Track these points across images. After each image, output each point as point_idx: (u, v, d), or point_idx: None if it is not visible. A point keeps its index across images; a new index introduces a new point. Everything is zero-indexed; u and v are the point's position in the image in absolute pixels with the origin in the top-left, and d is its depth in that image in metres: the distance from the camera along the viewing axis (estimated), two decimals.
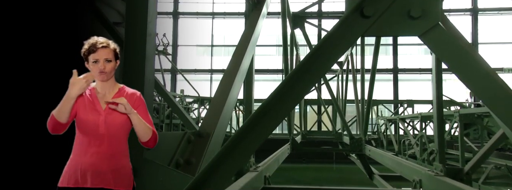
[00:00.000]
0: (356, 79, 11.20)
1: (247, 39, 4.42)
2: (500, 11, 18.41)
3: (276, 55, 19.49)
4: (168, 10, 19.50)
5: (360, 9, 1.73)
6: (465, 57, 1.72)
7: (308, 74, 1.70)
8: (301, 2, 15.94)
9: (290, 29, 9.14)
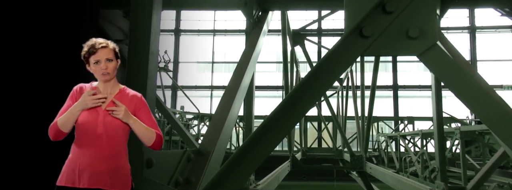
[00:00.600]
0: (356, 96, 11.22)
1: (248, 57, 4.46)
2: (498, 29, 18.61)
3: (277, 72, 19.58)
4: (170, 27, 19.73)
5: (359, 29, 1.75)
6: (462, 77, 1.73)
7: (308, 93, 1.72)
8: (301, 20, 16.13)
9: (290, 47, 9.23)
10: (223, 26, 19.97)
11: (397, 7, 1.76)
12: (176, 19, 20.06)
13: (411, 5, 1.77)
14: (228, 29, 19.85)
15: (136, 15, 2.27)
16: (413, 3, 1.77)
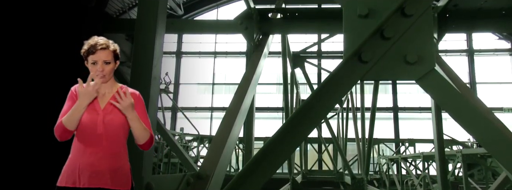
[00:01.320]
0: (356, 117, 11.21)
1: (249, 79, 4.49)
2: (496, 52, 18.79)
3: (277, 93, 19.63)
4: (171, 49, 19.95)
5: (358, 54, 1.79)
6: (461, 102, 1.75)
7: (310, 117, 1.73)
8: (300, 42, 16.32)
9: (291, 69, 9.30)
10: (224, 48, 20.20)
11: (395, 33, 1.79)
12: (178, 42, 20.32)
13: (409, 31, 1.81)
14: (229, 51, 20.06)
15: (140, 40, 2.32)
16: (410, 29, 1.81)
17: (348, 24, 1.88)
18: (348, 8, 1.86)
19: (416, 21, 1.82)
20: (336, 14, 4.62)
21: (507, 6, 4.00)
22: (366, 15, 1.84)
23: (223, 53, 20.22)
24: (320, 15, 4.89)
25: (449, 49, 18.63)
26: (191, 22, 5.96)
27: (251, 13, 4.75)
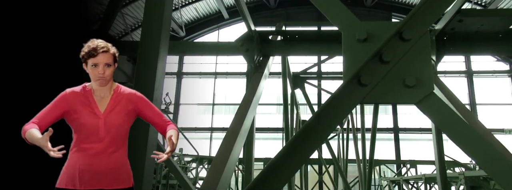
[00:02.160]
0: (356, 138, 11.15)
1: (249, 101, 4.51)
2: (494, 74, 18.90)
3: (277, 114, 19.62)
4: (172, 70, 20.10)
5: (357, 77, 1.81)
6: (460, 125, 1.77)
7: (309, 140, 1.74)
8: (300, 63, 16.46)
9: (291, 89, 9.34)
10: (224, 69, 20.35)
11: (394, 57, 1.83)
12: (179, 62, 20.50)
13: (407, 55, 1.85)
14: (229, 72, 20.20)
15: (142, 62, 2.35)
16: (408, 53, 1.85)
17: (347, 48, 1.92)
18: (347, 33, 1.90)
19: (414, 45, 1.85)
20: (335, 37, 4.69)
21: (504, 30, 4.07)
22: (365, 39, 1.88)
23: (224, 73, 20.35)
24: (319, 37, 4.96)
25: (448, 70, 18.75)
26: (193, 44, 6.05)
27: (252, 36, 4.82)
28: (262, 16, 19.11)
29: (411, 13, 1.87)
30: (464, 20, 3.88)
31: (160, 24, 2.46)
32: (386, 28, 1.91)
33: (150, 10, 2.56)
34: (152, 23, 2.44)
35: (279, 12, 19.34)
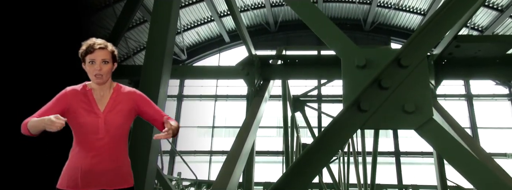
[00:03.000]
0: (357, 162, 11.05)
1: (249, 124, 4.51)
2: (494, 98, 18.93)
3: (277, 137, 19.51)
4: (173, 93, 20.17)
5: (357, 103, 1.84)
6: (460, 150, 1.77)
7: (310, 166, 1.74)
8: (301, 86, 16.54)
9: (291, 112, 9.35)
10: (225, 92, 20.43)
11: (392, 83, 1.86)
12: (180, 85, 20.60)
13: (406, 81, 1.88)
14: (230, 95, 20.26)
15: (145, 87, 2.38)
16: (407, 80, 1.88)
17: (347, 74, 1.95)
18: (346, 59, 1.94)
19: (412, 71, 1.89)
20: (335, 61, 4.75)
21: (501, 55, 4.13)
22: (363, 66, 1.91)
23: (224, 96, 20.41)
24: (319, 62, 5.02)
25: (447, 93, 18.81)
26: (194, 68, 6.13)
27: (252, 60, 4.89)
28: (262, 39, 19.38)
29: (408, 41, 1.91)
30: (461, 45, 3.94)
31: (164, 49, 2.51)
32: (385, 55, 1.95)
33: (154, 35, 2.62)
34: (156, 48, 2.49)
35: (280, 36, 19.63)
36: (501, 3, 15.22)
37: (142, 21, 16.13)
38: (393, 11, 17.90)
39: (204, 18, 18.34)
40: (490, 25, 16.22)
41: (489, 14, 15.95)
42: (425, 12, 17.11)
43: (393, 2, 17.22)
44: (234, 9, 4.45)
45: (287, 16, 18.95)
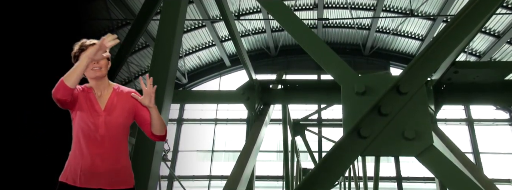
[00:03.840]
0: (359, 187, 10.88)
1: (250, 149, 4.49)
2: (495, 122, 18.87)
3: (277, 161, 19.31)
4: (173, 117, 20.14)
5: (357, 129, 1.84)
6: (461, 177, 1.76)
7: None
8: (301, 110, 16.54)
9: (291, 137, 9.31)
10: (225, 115, 20.41)
11: (392, 110, 1.87)
12: (180, 109, 20.61)
13: (405, 108, 1.89)
14: (230, 118, 20.23)
15: None
16: (406, 106, 1.89)
17: (346, 100, 1.97)
18: (345, 86, 1.97)
19: (412, 98, 1.91)
20: (335, 86, 4.78)
21: (499, 81, 4.16)
22: (363, 92, 1.94)
23: (224, 120, 20.36)
24: (319, 86, 5.06)
25: (448, 118, 18.77)
26: (194, 92, 6.17)
27: (253, 84, 4.93)
28: (263, 63, 19.58)
29: (407, 68, 1.94)
30: (459, 71, 3.99)
31: (166, 75, 2.54)
32: (384, 82, 1.97)
33: (157, 61, 2.66)
34: (158, 74, 2.52)
35: (280, 60, 19.84)
36: (497, 29, 15.49)
37: (144, 46, 16.37)
38: (392, 36, 18.18)
39: (206, 43, 18.61)
40: (488, 50, 16.43)
41: (487, 39, 16.19)
42: (423, 37, 17.38)
43: (392, 27, 17.52)
44: (235, 35, 4.53)
45: (287, 41, 19.24)
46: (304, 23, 2.42)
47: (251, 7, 16.76)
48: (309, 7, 16.93)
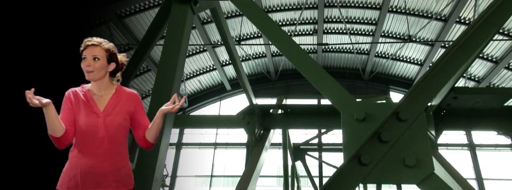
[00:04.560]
0: None
1: (250, 174, 4.44)
2: (497, 147, 18.70)
3: (277, 186, 18.99)
4: (172, 141, 20.00)
5: (357, 156, 1.84)
6: None
7: None
8: (301, 134, 16.45)
9: (291, 162, 9.21)
10: (224, 140, 20.27)
11: (392, 137, 1.87)
12: (179, 133, 20.50)
13: (405, 135, 1.89)
14: (229, 143, 20.09)
15: None
16: (406, 133, 1.89)
17: (347, 126, 1.98)
18: (345, 112, 1.98)
19: (411, 125, 1.91)
20: (335, 111, 4.79)
21: (498, 107, 4.17)
22: (363, 119, 1.94)
23: (224, 144, 20.21)
24: (319, 111, 5.07)
25: (450, 143, 18.62)
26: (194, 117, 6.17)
27: (253, 109, 4.94)
28: (263, 87, 19.67)
29: (406, 95, 1.96)
30: (458, 97, 4.01)
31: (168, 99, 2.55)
32: (383, 108, 1.99)
33: (159, 86, 2.69)
34: (160, 99, 2.53)
35: (280, 84, 19.94)
36: (495, 54, 15.67)
37: (146, 70, 16.51)
38: (391, 61, 18.36)
39: (207, 67, 18.79)
40: (486, 75, 16.55)
41: (485, 65, 16.35)
42: (422, 62, 17.55)
43: (390, 52, 17.73)
44: (235, 59, 4.59)
45: (287, 65, 19.42)
46: (304, 50, 2.46)
47: (251, 32, 17.04)
48: (309, 33, 17.22)
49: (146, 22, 13.78)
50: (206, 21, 15.17)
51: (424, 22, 14.96)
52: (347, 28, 16.22)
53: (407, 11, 14.87)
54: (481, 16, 2.23)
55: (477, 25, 2.13)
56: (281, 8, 15.76)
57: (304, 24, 16.81)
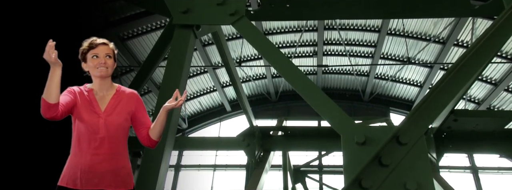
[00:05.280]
0: None
1: None
2: (500, 170, 18.46)
3: None
4: (171, 163, 19.78)
5: (358, 180, 1.82)
6: None
7: None
8: (301, 156, 16.29)
9: (291, 184, 9.10)
10: (224, 161, 20.07)
11: (392, 160, 1.86)
12: (178, 155, 20.32)
13: (406, 158, 1.88)
14: (229, 164, 19.88)
15: (146, 161, 2.38)
16: (407, 157, 1.89)
17: (347, 150, 1.97)
18: (346, 136, 1.98)
19: (412, 149, 1.90)
20: (335, 133, 4.78)
21: (498, 130, 4.17)
22: (363, 142, 1.94)
23: (223, 166, 19.98)
24: (320, 134, 5.07)
25: (452, 165, 18.41)
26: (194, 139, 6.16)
27: (253, 131, 4.93)
28: (263, 108, 19.66)
29: (406, 118, 1.96)
30: (458, 119, 4.01)
31: (169, 120, 2.57)
32: (384, 132, 1.99)
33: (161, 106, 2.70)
34: None
35: (280, 106, 19.94)
36: (494, 77, 15.76)
37: (147, 91, 16.57)
38: (391, 83, 18.45)
39: (207, 88, 18.86)
40: (486, 97, 16.58)
41: (484, 87, 16.40)
42: (421, 84, 17.62)
43: (390, 74, 17.85)
44: (236, 81, 4.62)
45: (287, 87, 19.50)
46: (303, 73, 2.49)
47: (252, 54, 17.22)
48: (309, 54, 17.40)
49: (148, 45, 13.96)
50: (207, 43, 15.37)
51: (423, 45, 15.14)
52: (347, 50, 16.40)
53: (406, 33, 15.08)
54: (479, 39, 2.26)
55: (475, 48, 2.16)
56: (282, 30, 16.00)
57: (304, 46, 17.02)
